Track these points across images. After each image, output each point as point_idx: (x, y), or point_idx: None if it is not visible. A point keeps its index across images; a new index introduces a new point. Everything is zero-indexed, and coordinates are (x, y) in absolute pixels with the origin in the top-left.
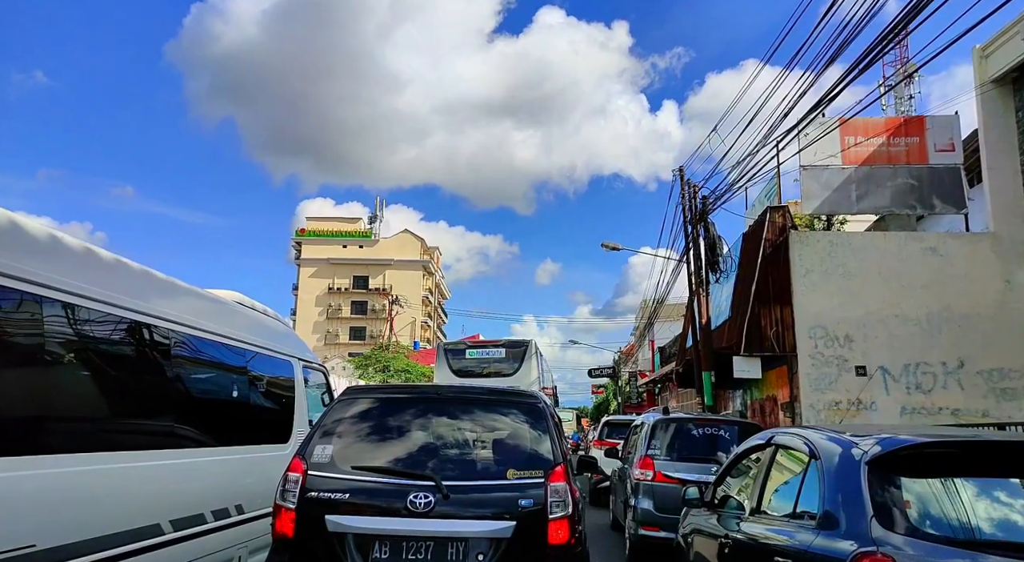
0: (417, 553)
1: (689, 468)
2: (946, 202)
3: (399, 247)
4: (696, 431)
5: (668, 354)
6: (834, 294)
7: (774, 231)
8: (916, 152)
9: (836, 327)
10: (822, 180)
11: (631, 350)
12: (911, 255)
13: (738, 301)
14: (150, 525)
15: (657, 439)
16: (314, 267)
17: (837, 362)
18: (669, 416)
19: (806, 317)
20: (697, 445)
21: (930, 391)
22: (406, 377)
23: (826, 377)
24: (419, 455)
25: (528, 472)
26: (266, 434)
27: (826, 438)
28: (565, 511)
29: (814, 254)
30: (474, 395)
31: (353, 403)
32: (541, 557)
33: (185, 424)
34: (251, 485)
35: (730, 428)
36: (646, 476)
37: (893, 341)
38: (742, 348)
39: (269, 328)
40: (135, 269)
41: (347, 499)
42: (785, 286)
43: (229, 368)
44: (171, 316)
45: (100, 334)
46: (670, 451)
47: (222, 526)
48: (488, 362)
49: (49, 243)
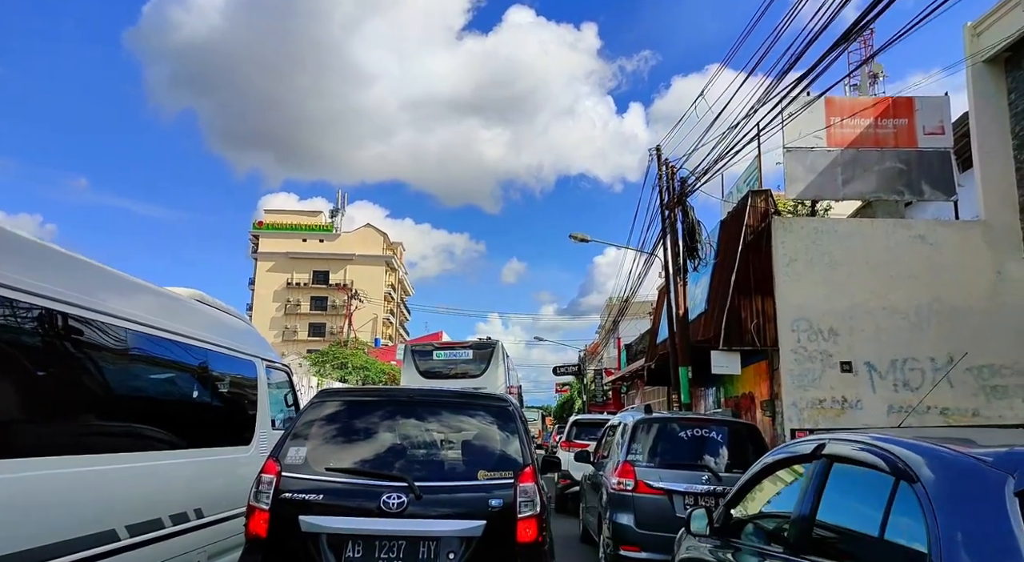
0: (389, 552)
1: (676, 477)
2: (936, 188)
3: (361, 242)
4: (683, 433)
5: (635, 351)
6: (819, 284)
7: (756, 217)
8: (904, 135)
9: (820, 320)
10: (806, 163)
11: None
12: (899, 243)
13: (716, 292)
14: (105, 531)
15: (638, 442)
16: (272, 261)
17: (821, 357)
18: (652, 415)
19: (789, 309)
20: (685, 449)
21: (918, 389)
22: (364, 374)
23: (809, 373)
24: (392, 456)
25: (498, 473)
26: (227, 436)
27: (923, 450)
28: (533, 510)
29: (798, 241)
30: (445, 398)
31: (326, 405)
32: (510, 555)
33: (141, 426)
34: (211, 488)
35: (721, 429)
36: (626, 486)
37: (880, 335)
38: (721, 342)
39: (230, 327)
40: (87, 265)
41: (321, 500)
42: (767, 276)
43: (187, 368)
44: (125, 314)
45: (48, 333)
46: (653, 456)
47: (181, 531)
48: (455, 363)
49: (43, 252)
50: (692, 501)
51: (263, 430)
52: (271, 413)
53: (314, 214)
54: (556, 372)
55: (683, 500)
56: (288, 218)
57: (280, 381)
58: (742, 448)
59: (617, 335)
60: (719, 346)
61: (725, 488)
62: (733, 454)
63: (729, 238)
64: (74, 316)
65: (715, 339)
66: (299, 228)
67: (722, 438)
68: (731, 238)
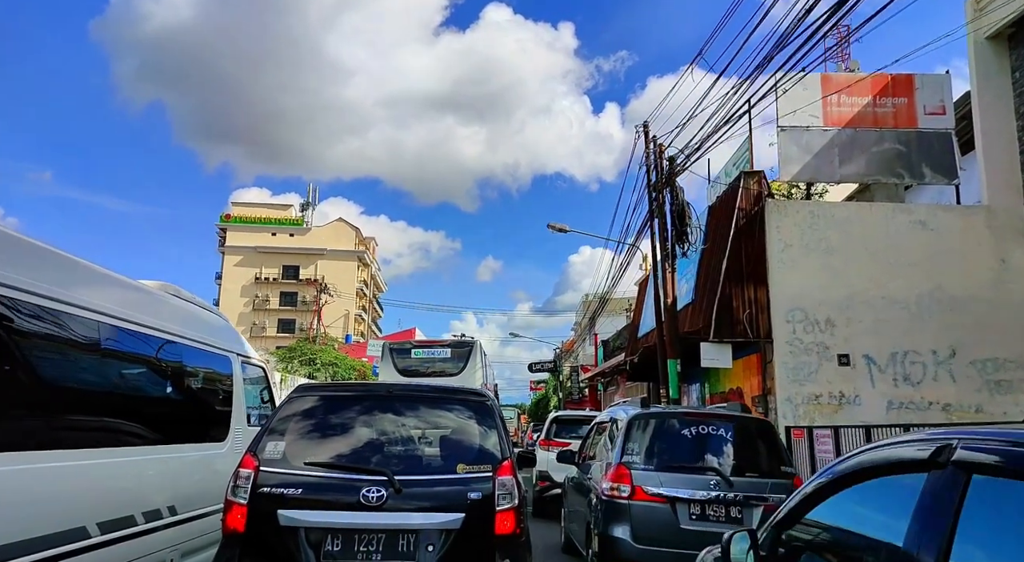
0: (369, 545)
1: (679, 481)
2: (936, 171)
3: (333, 236)
4: (687, 431)
5: (613, 347)
6: (815, 272)
7: (748, 200)
8: (904, 114)
9: (816, 310)
10: (802, 143)
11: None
12: (899, 229)
13: (704, 281)
14: (75, 528)
15: (635, 441)
16: (240, 255)
17: (818, 350)
18: (650, 410)
19: (783, 298)
20: (689, 449)
21: (919, 383)
22: (334, 371)
23: (805, 367)
24: (371, 451)
25: (477, 467)
26: (202, 432)
27: None
28: (512, 503)
29: (793, 226)
30: (424, 393)
31: (304, 400)
32: (488, 547)
33: (112, 421)
34: (185, 485)
35: (729, 426)
36: (620, 492)
37: (879, 326)
38: (712, 333)
39: (205, 321)
40: (56, 255)
41: (300, 494)
42: (760, 262)
43: (160, 362)
44: (95, 306)
45: (17, 325)
46: (652, 457)
47: (153, 528)
48: (434, 362)
49: (9, 241)
50: (698, 510)
51: (238, 426)
52: (246, 409)
53: (284, 207)
54: (532, 369)
55: (688, 509)
56: (257, 211)
57: (256, 377)
58: (753, 448)
59: (594, 331)
60: (710, 337)
61: (737, 495)
62: (744, 455)
63: (719, 223)
64: (42, 307)
65: (705, 330)
66: (268, 222)
67: (731, 436)
68: (722, 223)
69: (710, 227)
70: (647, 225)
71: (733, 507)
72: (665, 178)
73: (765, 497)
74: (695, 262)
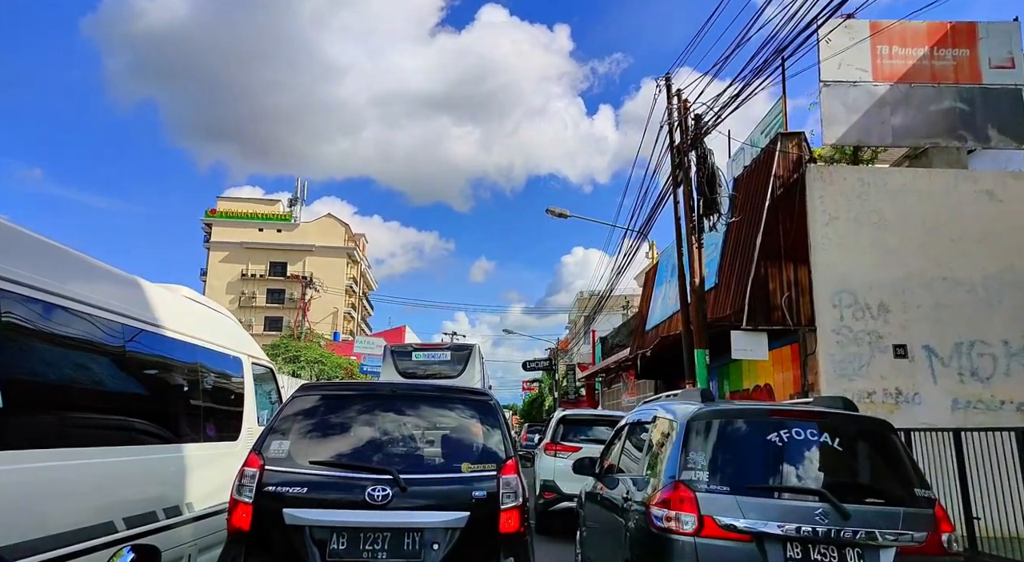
0: (374, 544)
1: (768, 510)
2: (1004, 133)
3: (321, 232)
4: (773, 435)
5: (611, 344)
6: (865, 249)
7: (786, 166)
8: (966, 68)
9: (868, 293)
10: (848, 101)
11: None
12: (963, 200)
13: (732, 261)
14: (103, 523)
15: (697, 450)
16: (226, 251)
17: (869, 339)
18: (717, 406)
19: (829, 280)
20: (778, 462)
21: (989, 379)
22: (320, 369)
23: (855, 359)
24: (376, 449)
25: (481, 465)
26: (216, 431)
27: None
28: (516, 502)
29: (840, 196)
30: (428, 392)
31: (309, 399)
32: (492, 545)
33: (137, 421)
34: (202, 483)
35: (831, 428)
36: (681, 523)
37: (941, 312)
38: (744, 319)
39: (218, 324)
40: (96, 267)
41: (305, 493)
42: (801, 238)
43: (179, 364)
44: (122, 310)
45: (62, 330)
46: (725, 474)
47: (174, 524)
48: (434, 364)
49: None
50: (800, 553)
51: (249, 426)
52: (256, 409)
53: (271, 203)
54: (526, 367)
55: (784, 551)
56: (244, 206)
57: (265, 379)
58: (871, 460)
59: (592, 328)
60: (742, 324)
61: (857, 531)
62: (859, 471)
63: (751, 194)
64: (78, 312)
65: (735, 316)
66: (255, 217)
67: (837, 443)
68: (754, 194)
69: (738, 200)
70: (664, 199)
71: (851, 549)
72: (691, 139)
73: (898, 534)
74: (718, 242)
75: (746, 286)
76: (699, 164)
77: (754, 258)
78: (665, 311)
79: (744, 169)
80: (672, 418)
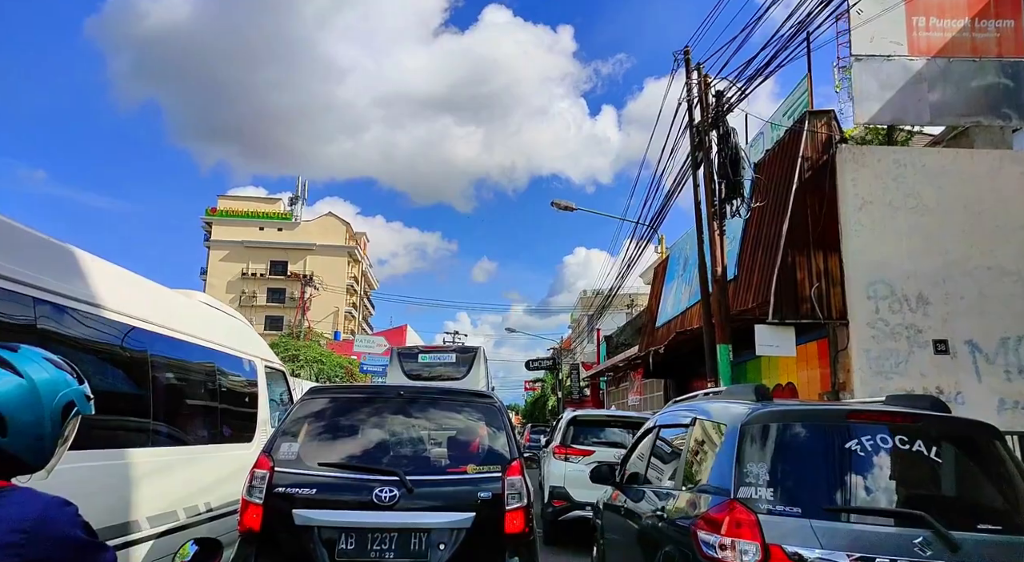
0: (382, 544)
1: (852, 538)
2: None
3: (322, 231)
4: (855, 443)
5: (616, 343)
6: (902, 236)
7: (815, 146)
8: (1011, 40)
9: (905, 283)
10: (881, 77)
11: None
12: (1009, 182)
13: (754, 251)
14: (127, 522)
15: (756, 461)
16: (226, 250)
17: (907, 334)
18: (778, 407)
19: (863, 269)
20: (862, 478)
21: None
22: (319, 368)
23: (891, 355)
24: (383, 451)
25: (486, 467)
26: (233, 433)
27: None
28: (520, 503)
29: (874, 178)
30: (433, 395)
31: (317, 402)
32: (498, 545)
33: (160, 423)
34: (219, 484)
35: (925, 435)
36: (742, 553)
37: (985, 304)
38: (770, 312)
39: (234, 329)
40: (123, 275)
41: (314, 494)
42: (831, 225)
43: (201, 369)
44: (152, 318)
45: (99, 338)
46: (794, 492)
47: (192, 523)
48: (439, 366)
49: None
50: None
51: (264, 428)
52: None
53: (272, 201)
54: (529, 366)
55: None
56: (244, 205)
57: (277, 382)
58: (979, 475)
59: (596, 326)
60: (768, 318)
61: None
62: (963, 487)
63: (776, 178)
64: (120, 324)
65: (760, 309)
66: (256, 215)
67: (935, 453)
68: (779, 177)
69: (760, 184)
70: (682, 183)
71: None
72: (712, 117)
73: None
74: (736, 232)
75: (771, 276)
76: (721, 144)
77: (780, 246)
78: (678, 306)
79: (766, 153)
80: (719, 421)
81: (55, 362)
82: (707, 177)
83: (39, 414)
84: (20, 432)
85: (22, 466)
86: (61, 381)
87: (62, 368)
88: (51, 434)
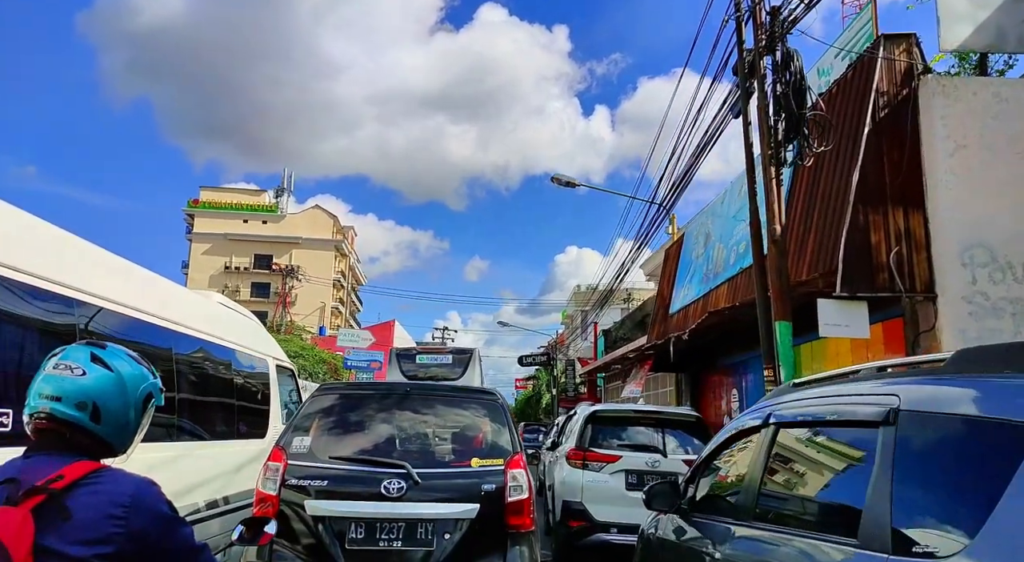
0: (390, 534)
1: None
2: None
3: (309, 224)
4: None
5: (615, 337)
6: (1005, 189)
7: (891, 79)
8: None
9: (1008, 248)
10: None
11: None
12: None
13: (807, 208)
14: None
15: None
16: (208, 243)
17: (1013, 310)
18: None
19: (955, 229)
20: None
21: None
22: (300, 363)
23: (994, 336)
24: (391, 445)
25: (489, 460)
26: (248, 429)
27: None
28: (522, 495)
29: (969, 116)
30: (439, 392)
31: (328, 398)
32: (500, 535)
33: (184, 419)
34: (235, 477)
35: None
36: None
37: None
38: (837, 284)
39: (247, 328)
40: (151, 278)
41: (325, 486)
42: (913, 175)
43: (219, 367)
44: (178, 318)
45: (130, 337)
46: None
47: (211, 515)
48: (436, 367)
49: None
50: None
51: (276, 423)
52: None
53: (257, 193)
54: (522, 362)
55: None
56: (228, 197)
57: (287, 378)
58: None
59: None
60: (836, 290)
61: None
62: None
63: (842, 118)
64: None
65: (826, 279)
66: (240, 208)
67: None
68: (847, 117)
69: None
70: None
71: None
72: (766, 39)
73: None
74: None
75: (838, 239)
76: (781, 70)
77: (849, 202)
78: (700, 288)
79: (843, 74)
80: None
81: (135, 358)
82: (761, 112)
83: (126, 404)
84: (111, 420)
85: (109, 450)
86: (142, 375)
87: (141, 364)
88: (134, 422)
